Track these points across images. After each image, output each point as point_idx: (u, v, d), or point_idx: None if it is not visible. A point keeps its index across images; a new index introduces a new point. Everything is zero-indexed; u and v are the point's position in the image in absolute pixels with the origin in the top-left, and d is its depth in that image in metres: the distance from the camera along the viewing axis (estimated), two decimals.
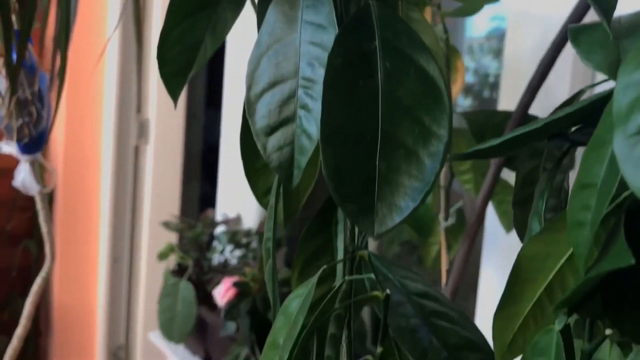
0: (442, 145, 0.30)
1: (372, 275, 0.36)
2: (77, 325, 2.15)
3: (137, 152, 1.98)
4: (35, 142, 0.80)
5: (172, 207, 1.89)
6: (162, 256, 1.36)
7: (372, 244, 1.13)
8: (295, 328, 0.32)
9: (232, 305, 0.92)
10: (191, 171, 2.10)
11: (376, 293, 0.34)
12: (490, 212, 0.83)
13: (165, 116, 1.86)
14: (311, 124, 0.30)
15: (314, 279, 0.35)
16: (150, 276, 1.94)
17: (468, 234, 0.64)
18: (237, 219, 1.44)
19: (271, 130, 0.31)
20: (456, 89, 0.80)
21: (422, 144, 0.29)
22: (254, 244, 1.30)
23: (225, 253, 1.33)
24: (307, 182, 0.42)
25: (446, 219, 0.76)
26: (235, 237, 1.30)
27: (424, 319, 0.34)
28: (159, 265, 1.46)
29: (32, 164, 0.83)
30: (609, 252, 0.27)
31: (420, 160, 0.29)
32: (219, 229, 1.39)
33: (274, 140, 0.30)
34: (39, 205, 0.88)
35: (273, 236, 0.39)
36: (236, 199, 1.49)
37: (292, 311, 0.33)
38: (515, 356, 0.35)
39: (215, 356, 1.31)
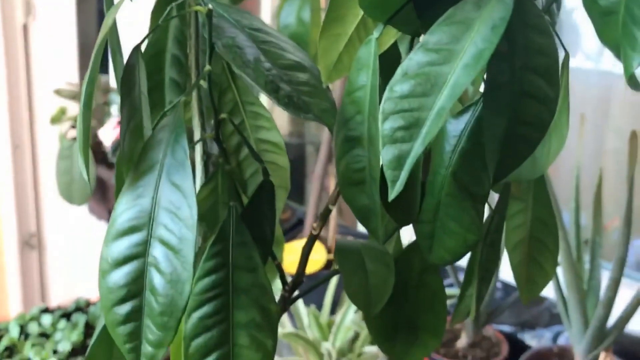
0: None
1: None
2: None
3: (26, 30, 1.86)
4: None
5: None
6: (55, 120, 1.32)
7: None
8: None
9: (119, 143, 0.92)
10: (88, 47, 1.99)
11: (198, 8, 0.34)
12: None
13: None
14: None
15: None
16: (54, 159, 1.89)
17: None
18: None
19: None
20: None
21: None
22: None
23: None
24: None
25: None
26: None
27: (254, 43, 0.36)
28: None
29: None
30: None
31: None
32: (113, 96, 1.36)
33: None
34: None
35: None
36: None
37: None
38: (341, 75, 0.37)
39: None
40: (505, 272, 0.87)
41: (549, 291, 0.91)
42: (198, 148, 0.40)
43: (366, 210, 0.36)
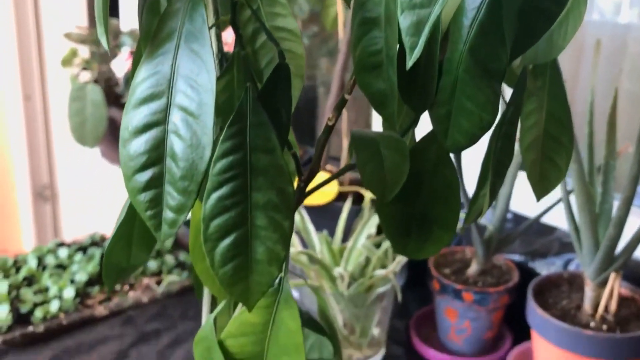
0: None
1: None
2: None
3: None
4: None
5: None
6: (66, 62, 1.32)
7: None
8: None
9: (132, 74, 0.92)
10: None
11: None
12: None
13: None
14: None
15: None
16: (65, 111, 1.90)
17: None
18: None
19: None
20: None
21: None
22: None
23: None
24: None
25: None
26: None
27: None
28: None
29: None
30: None
31: None
32: (124, 38, 1.35)
33: None
34: None
35: None
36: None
37: None
38: None
39: None
40: (516, 202, 0.88)
41: (559, 220, 0.92)
42: (212, 35, 0.40)
43: (382, 95, 0.37)
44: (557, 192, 0.89)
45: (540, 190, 0.45)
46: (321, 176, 0.96)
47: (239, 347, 0.42)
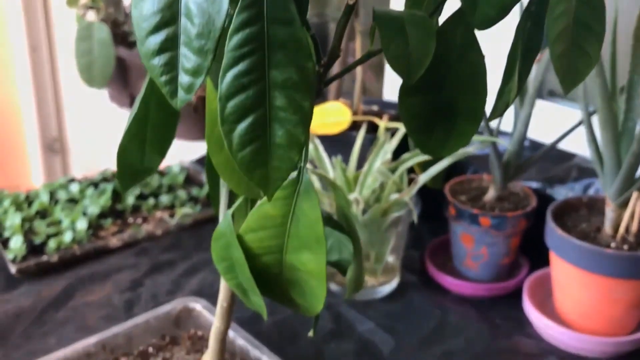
0: None
1: None
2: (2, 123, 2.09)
3: None
4: None
5: None
6: (71, 2, 1.29)
7: None
8: None
9: None
10: None
11: None
12: None
13: None
14: None
15: None
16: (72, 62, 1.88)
17: None
18: None
19: None
20: None
21: None
22: None
23: None
24: None
25: None
26: None
27: None
28: None
29: None
30: None
31: None
32: None
33: None
34: None
35: None
36: None
37: None
38: None
39: None
40: (533, 130, 0.86)
41: (578, 147, 0.90)
42: None
43: None
44: (574, 117, 0.87)
45: (569, 82, 0.43)
46: (336, 106, 0.94)
47: (259, 241, 0.41)
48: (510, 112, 0.81)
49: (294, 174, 0.40)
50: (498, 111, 0.43)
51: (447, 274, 0.82)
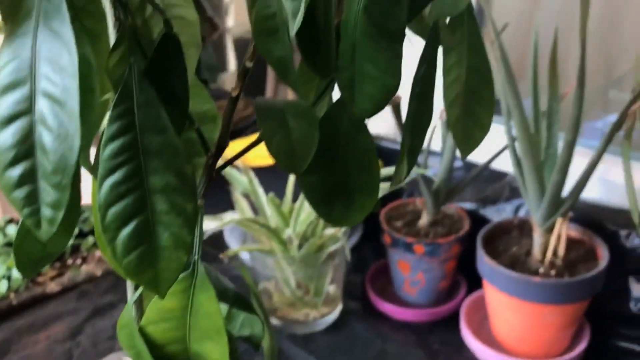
0: None
1: None
2: None
3: None
4: None
5: None
6: None
7: None
8: None
9: None
10: None
11: None
12: None
13: None
14: None
15: None
16: None
17: None
18: None
19: None
20: None
21: None
22: None
23: None
24: None
25: None
26: None
27: None
28: None
29: None
30: None
31: None
32: None
33: None
34: None
35: None
36: None
37: None
38: None
39: None
40: None
41: (508, 166, 0.91)
42: (109, 17, 0.37)
43: (283, 62, 0.34)
44: (505, 138, 0.87)
45: (466, 148, 0.43)
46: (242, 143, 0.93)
47: (161, 332, 0.41)
48: (439, 132, 0.82)
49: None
50: (397, 180, 0.43)
51: (387, 300, 0.83)
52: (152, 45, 0.37)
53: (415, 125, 0.39)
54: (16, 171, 0.29)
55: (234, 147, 0.46)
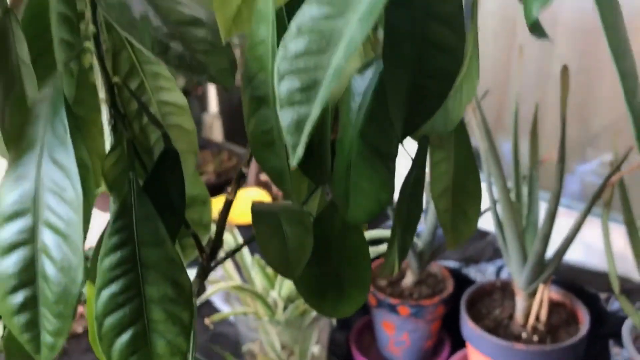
0: None
1: None
2: None
3: None
4: None
5: None
6: None
7: None
8: None
9: None
10: None
11: None
12: None
13: None
14: None
15: None
16: None
17: None
18: None
19: None
20: None
21: None
22: None
23: None
24: None
25: None
26: None
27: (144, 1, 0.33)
28: None
29: None
30: None
31: None
32: None
33: None
34: None
35: None
36: None
37: None
38: (241, 29, 0.35)
39: None
40: None
41: (490, 225, 0.92)
42: (104, 110, 0.38)
43: (278, 172, 0.35)
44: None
45: (453, 240, 0.44)
46: (255, 192, 0.94)
47: None
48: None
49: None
50: (388, 269, 0.44)
51: (372, 359, 0.83)
52: (150, 152, 0.38)
53: (406, 224, 0.40)
54: (18, 298, 0.29)
55: (217, 204, 0.47)
